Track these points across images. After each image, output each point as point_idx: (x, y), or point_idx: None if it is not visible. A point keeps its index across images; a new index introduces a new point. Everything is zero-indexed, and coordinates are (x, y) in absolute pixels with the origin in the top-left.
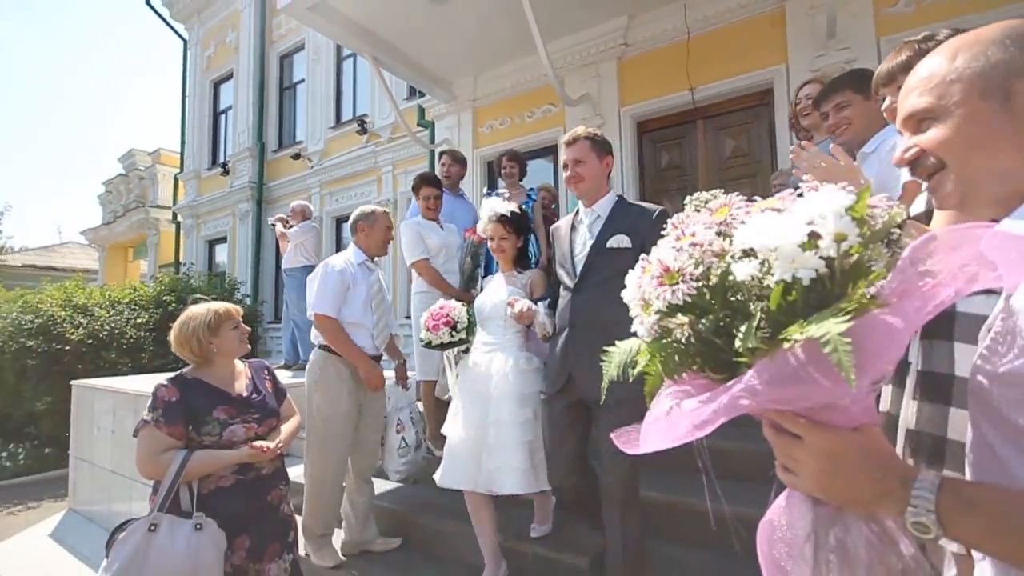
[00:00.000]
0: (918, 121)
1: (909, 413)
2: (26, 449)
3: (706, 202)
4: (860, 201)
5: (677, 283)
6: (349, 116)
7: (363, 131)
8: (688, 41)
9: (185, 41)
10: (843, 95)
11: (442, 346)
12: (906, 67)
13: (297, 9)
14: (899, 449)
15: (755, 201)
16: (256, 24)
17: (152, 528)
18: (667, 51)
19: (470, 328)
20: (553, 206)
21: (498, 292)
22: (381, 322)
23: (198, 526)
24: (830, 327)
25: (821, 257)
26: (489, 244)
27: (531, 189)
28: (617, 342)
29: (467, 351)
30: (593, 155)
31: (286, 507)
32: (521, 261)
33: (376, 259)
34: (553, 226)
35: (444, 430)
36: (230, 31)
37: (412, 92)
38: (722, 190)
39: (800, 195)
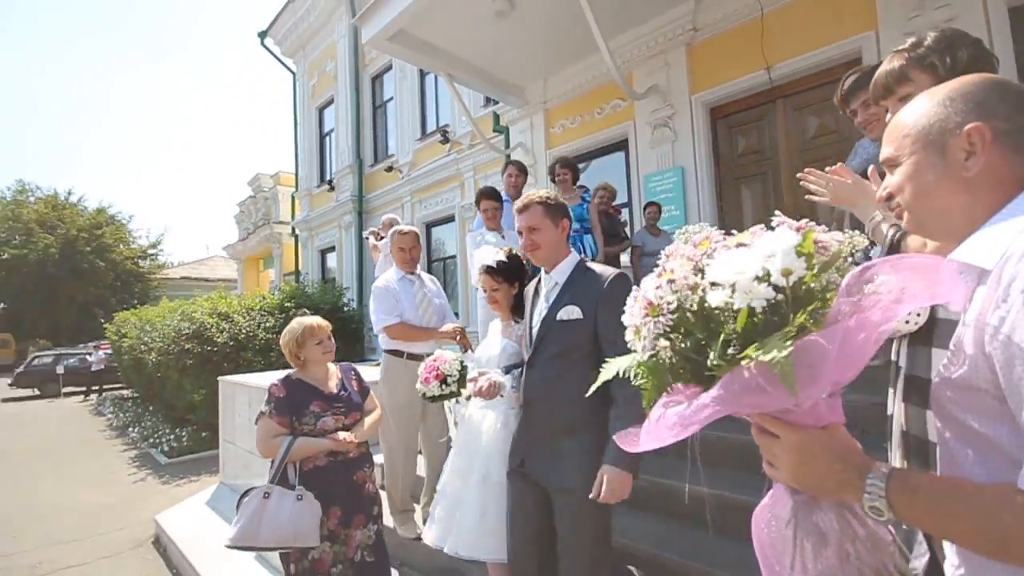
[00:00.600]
0: (889, 167)
1: (900, 416)
2: (188, 433)
3: (693, 234)
4: (805, 240)
5: (658, 316)
6: (433, 127)
7: (445, 140)
8: (762, 17)
9: (294, 74)
10: (868, 91)
11: (434, 398)
12: (900, 77)
13: (378, 40)
14: (896, 450)
15: (732, 235)
16: (350, 52)
17: (266, 496)
18: (739, 31)
19: (461, 381)
20: (614, 202)
21: (493, 345)
22: (432, 321)
23: (299, 497)
24: (776, 353)
25: (774, 287)
26: (484, 294)
27: (586, 191)
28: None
29: (470, 398)
30: (548, 221)
31: (371, 486)
32: (519, 309)
33: (417, 272)
34: (526, 289)
35: (439, 486)
36: (329, 61)
37: (488, 100)
38: (707, 223)
39: (770, 229)
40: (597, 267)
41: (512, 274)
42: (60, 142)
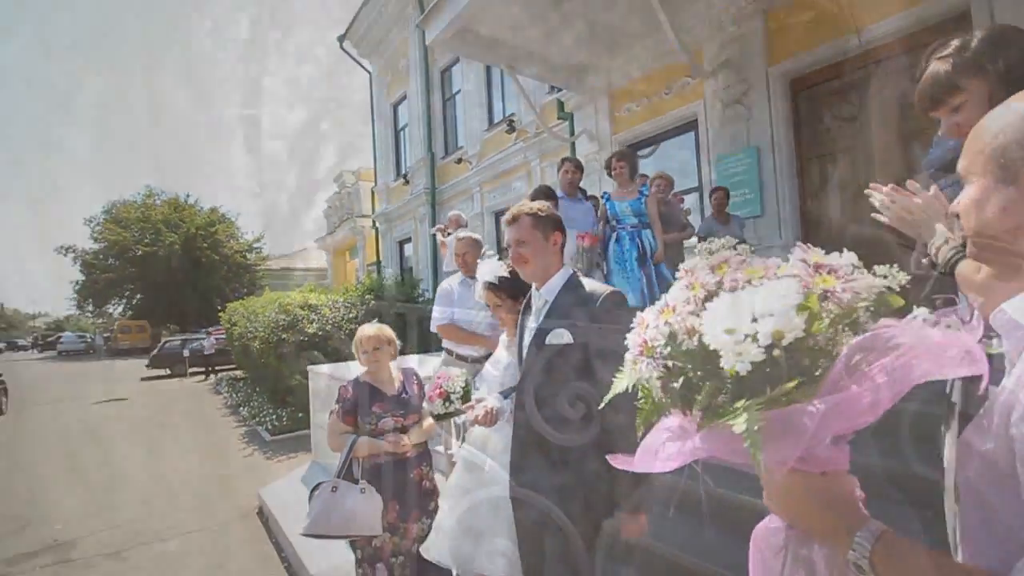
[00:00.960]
0: (965, 178)
1: (952, 455)
2: (287, 413)
3: (716, 250)
4: (809, 299)
5: (652, 356)
6: (499, 117)
7: (511, 130)
8: None
9: (370, 74)
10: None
11: (440, 417)
12: (949, 86)
13: (442, 40)
14: (951, 493)
15: (750, 263)
16: (420, 48)
17: (334, 489)
18: None
19: (466, 398)
20: (672, 192)
21: (498, 362)
22: (480, 327)
23: (362, 490)
24: (751, 425)
25: (763, 347)
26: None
27: (644, 184)
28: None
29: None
30: (537, 234)
31: (427, 483)
32: None
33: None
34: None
35: (441, 499)
36: (402, 59)
37: (552, 87)
38: (734, 243)
39: (793, 258)
40: (589, 284)
41: (516, 289)
42: (175, 150)
